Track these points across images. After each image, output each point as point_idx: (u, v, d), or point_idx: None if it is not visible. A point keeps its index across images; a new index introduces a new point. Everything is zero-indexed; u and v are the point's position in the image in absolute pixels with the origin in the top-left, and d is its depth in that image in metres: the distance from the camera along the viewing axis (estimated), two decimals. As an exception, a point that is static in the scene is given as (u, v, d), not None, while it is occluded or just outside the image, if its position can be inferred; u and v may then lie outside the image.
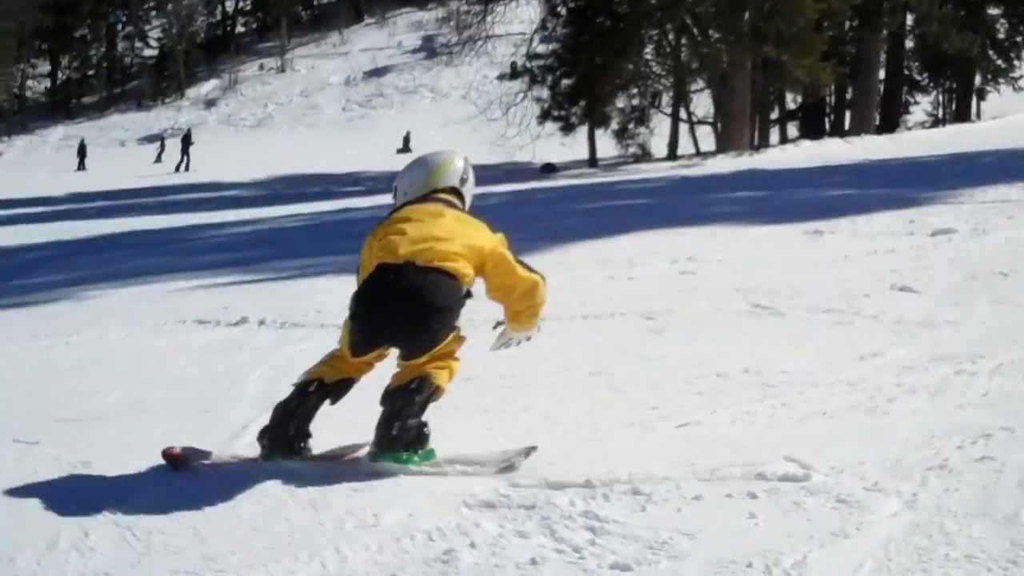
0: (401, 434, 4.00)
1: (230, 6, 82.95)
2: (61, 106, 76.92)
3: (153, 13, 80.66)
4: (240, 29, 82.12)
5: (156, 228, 17.30)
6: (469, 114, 39.46)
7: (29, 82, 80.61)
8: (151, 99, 72.70)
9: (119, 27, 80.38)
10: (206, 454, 4.29)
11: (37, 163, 55.70)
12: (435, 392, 4.09)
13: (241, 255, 13.37)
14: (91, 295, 10.07)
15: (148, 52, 78.91)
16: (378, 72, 66.63)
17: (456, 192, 4.42)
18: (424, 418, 4.07)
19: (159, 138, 51.87)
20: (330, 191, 27.90)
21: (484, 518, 3.49)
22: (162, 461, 4.22)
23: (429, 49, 61.51)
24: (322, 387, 4.22)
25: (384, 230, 4.20)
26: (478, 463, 4.05)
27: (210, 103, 69.06)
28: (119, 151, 57.45)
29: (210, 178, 35.69)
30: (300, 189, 29.58)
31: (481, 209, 4.43)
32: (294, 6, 78.59)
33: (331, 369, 4.28)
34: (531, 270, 4.30)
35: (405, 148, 46.02)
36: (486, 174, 30.70)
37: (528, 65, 35.27)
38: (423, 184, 4.39)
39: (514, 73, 37.48)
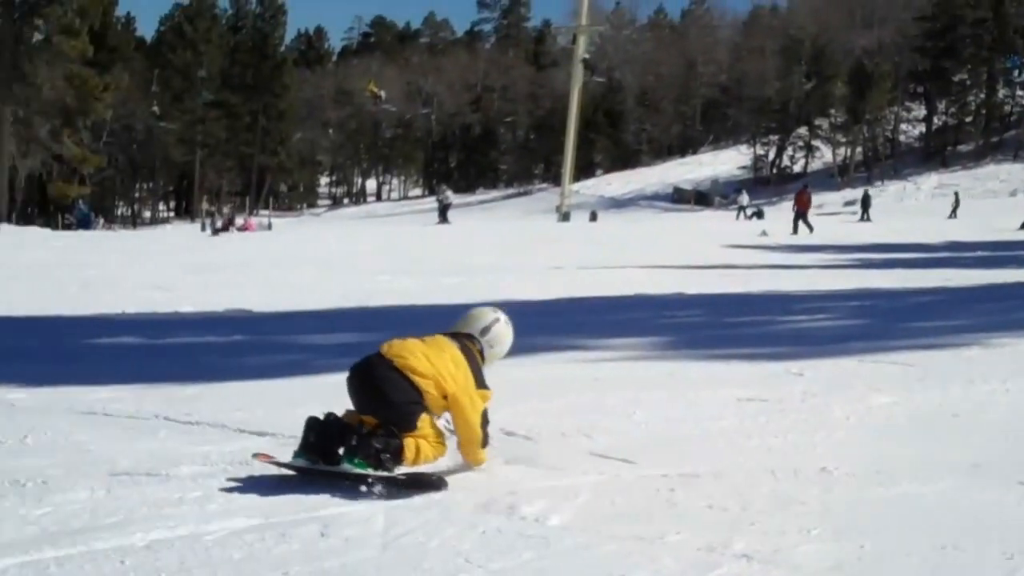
0: (361, 446, 5.34)
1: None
2: (935, 153, 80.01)
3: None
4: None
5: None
6: None
7: (903, 126, 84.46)
8: (1030, 150, 72.97)
9: (1016, 72, 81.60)
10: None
11: (909, 209, 59.78)
12: (397, 444, 5.44)
13: None
14: (997, 343, 10.95)
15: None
16: None
17: (473, 339, 5.96)
18: (380, 446, 5.37)
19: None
20: None
21: None
22: None
23: None
24: (337, 422, 5.61)
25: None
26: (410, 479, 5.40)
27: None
28: (992, 203, 59.26)
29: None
30: None
31: None
32: None
33: (348, 415, 5.73)
34: (484, 431, 5.75)
35: None
36: None
37: None
38: (457, 325, 6.07)
39: None
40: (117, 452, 6.33)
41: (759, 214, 57.59)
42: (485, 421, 5.78)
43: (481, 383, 5.78)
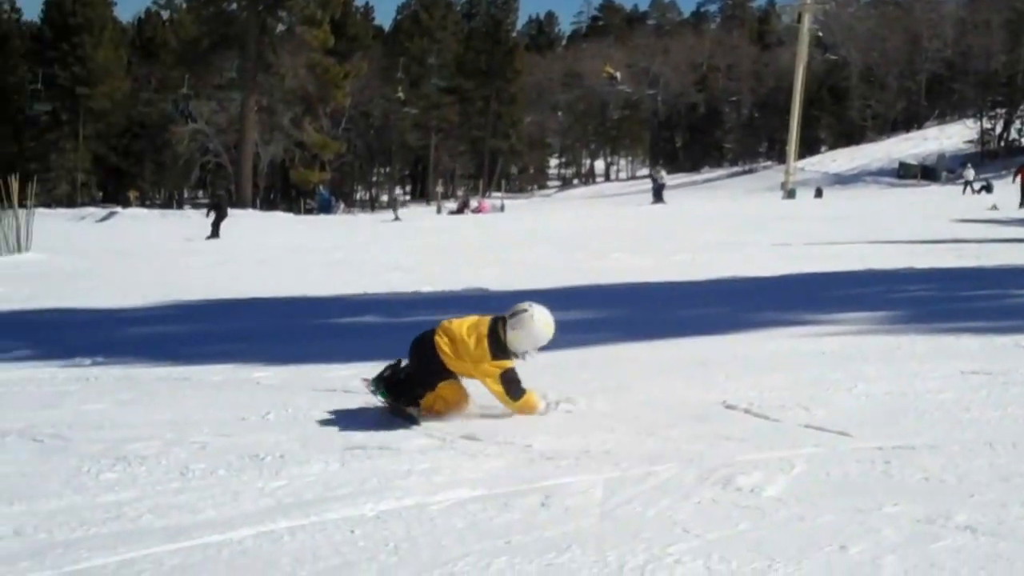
0: (392, 384, 6.80)
1: None
2: None
3: None
4: None
5: None
6: None
7: None
8: None
9: None
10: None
11: None
12: (420, 392, 6.77)
13: None
14: None
15: None
16: None
17: (505, 321, 6.82)
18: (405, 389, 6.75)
19: None
20: None
21: None
22: None
23: None
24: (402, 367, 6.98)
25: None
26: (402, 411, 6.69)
27: None
28: None
29: None
30: None
31: None
32: None
33: None
34: (510, 387, 6.70)
35: None
36: None
37: None
38: (507, 311, 6.89)
39: None
40: (353, 427, 6.55)
41: (988, 188, 55.41)
42: (509, 380, 6.76)
43: (496, 356, 6.72)
